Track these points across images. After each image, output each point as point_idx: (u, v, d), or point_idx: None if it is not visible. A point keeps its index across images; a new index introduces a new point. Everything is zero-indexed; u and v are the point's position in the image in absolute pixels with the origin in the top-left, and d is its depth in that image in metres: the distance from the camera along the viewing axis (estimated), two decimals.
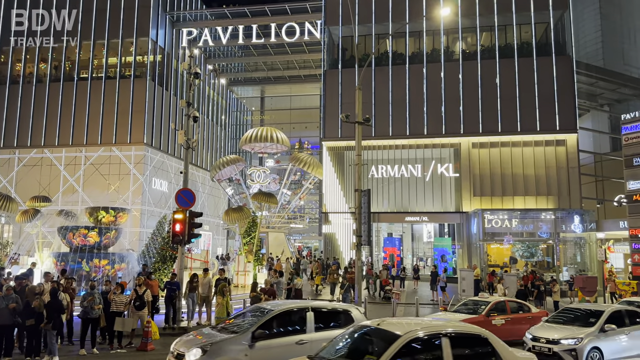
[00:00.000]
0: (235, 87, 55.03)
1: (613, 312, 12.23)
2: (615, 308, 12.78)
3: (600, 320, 11.87)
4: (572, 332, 11.72)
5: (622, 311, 12.55)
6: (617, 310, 12.48)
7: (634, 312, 12.85)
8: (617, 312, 12.33)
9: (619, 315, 12.26)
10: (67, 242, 21.63)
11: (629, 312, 12.67)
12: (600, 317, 11.98)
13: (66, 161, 35.83)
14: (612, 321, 11.81)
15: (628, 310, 12.92)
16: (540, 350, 11.56)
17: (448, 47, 34.10)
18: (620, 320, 12.03)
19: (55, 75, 37.48)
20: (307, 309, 9.58)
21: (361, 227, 19.93)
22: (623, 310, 12.70)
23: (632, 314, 12.64)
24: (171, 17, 40.02)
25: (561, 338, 11.63)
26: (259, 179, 39.62)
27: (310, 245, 56.73)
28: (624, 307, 13.55)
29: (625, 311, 12.66)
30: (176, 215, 15.62)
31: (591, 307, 13.34)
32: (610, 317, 11.98)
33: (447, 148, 33.33)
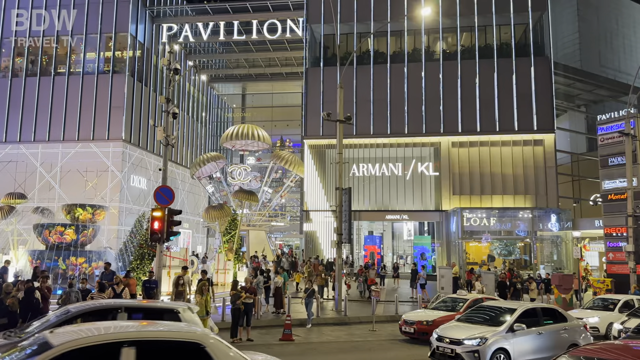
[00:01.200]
0: (216, 83, 54.59)
1: (526, 310, 11.50)
2: (529, 306, 11.98)
3: (510, 319, 11.09)
4: (480, 331, 10.91)
5: (536, 309, 11.89)
6: (531, 309, 11.75)
7: (551, 310, 12.29)
8: (530, 310, 11.62)
9: (533, 313, 11.57)
10: (43, 239, 21.26)
11: (545, 310, 12.04)
12: (511, 316, 11.22)
13: (42, 157, 35.11)
14: (526, 320, 11.05)
15: (544, 308, 12.35)
16: (443, 352, 10.92)
17: (429, 46, 34.35)
18: (534, 319, 11.33)
19: (32, 69, 36.70)
20: (120, 309, 8.27)
21: (342, 225, 20.02)
22: (538, 308, 12.06)
23: (548, 312, 12.01)
24: (151, 12, 39.51)
25: (465, 338, 10.80)
26: (240, 177, 39.41)
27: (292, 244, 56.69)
28: (540, 305, 12.99)
29: (541, 309, 12.03)
30: (155, 213, 15.41)
31: (507, 304, 12.47)
32: (522, 315, 11.21)
33: (428, 147, 33.62)
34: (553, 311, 12.21)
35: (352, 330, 16.16)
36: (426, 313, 14.79)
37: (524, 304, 12.50)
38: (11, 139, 35.66)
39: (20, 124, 35.69)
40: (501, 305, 12.44)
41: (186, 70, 44.36)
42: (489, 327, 11.06)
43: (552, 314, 12.00)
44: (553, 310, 12.33)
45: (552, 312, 12.15)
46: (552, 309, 12.48)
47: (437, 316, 14.13)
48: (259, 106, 57.06)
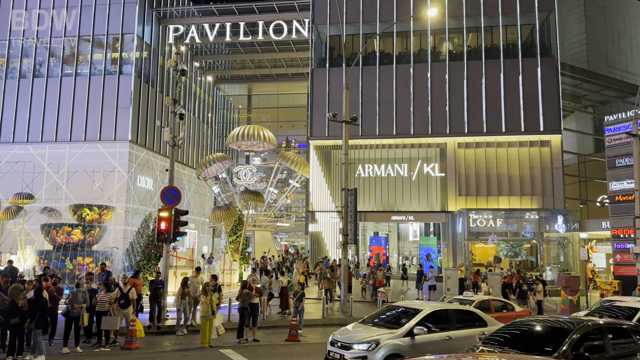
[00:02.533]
0: (222, 84, 54.78)
1: (435, 312, 10.27)
2: (438, 307, 10.80)
3: (410, 322, 9.84)
4: (377, 334, 9.67)
5: (449, 312, 10.64)
6: (442, 310, 10.59)
7: (468, 312, 11.02)
8: (441, 313, 10.44)
9: (443, 315, 10.39)
10: (51, 239, 21.39)
11: (460, 313, 10.77)
12: (414, 318, 9.96)
13: (50, 158, 35.35)
14: (434, 323, 9.97)
15: (460, 310, 11.09)
16: (332, 357, 9.76)
17: (435, 47, 34.30)
18: (444, 323, 10.19)
19: (39, 70, 36.96)
20: None
21: (348, 226, 20.02)
22: (452, 310, 10.79)
23: (464, 315, 10.74)
24: (157, 14, 39.68)
25: (356, 342, 9.54)
26: (246, 177, 39.50)
27: (297, 244, 56.74)
28: (454, 306, 11.47)
29: (456, 312, 10.75)
30: (161, 213, 15.51)
31: (417, 305, 11.01)
32: (428, 317, 10.01)
33: (433, 148, 33.56)
34: (471, 314, 10.92)
35: None
36: None
37: (433, 305, 11.11)
38: (19, 139, 35.93)
39: (28, 125, 35.95)
40: (411, 305, 10.96)
41: (192, 71, 44.52)
42: (388, 330, 9.82)
43: (470, 317, 10.74)
44: (471, 313, 11.02)
45: (469, 315, 10.85)
46: (469, 311, 11.15)
47: None
48: (265, 107, 57.22)
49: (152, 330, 14.93)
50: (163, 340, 14.05)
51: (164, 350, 12.79)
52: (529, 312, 15.99)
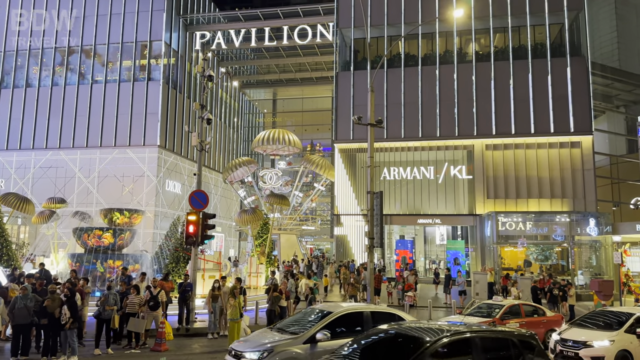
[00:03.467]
0: (248, 89, 55.32)
1: (347, 315, 9.46)
2: (350, 309, 9.76)
3: (315, 326, 9.01)
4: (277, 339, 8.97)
5: (364, 314, 9.51)
6: (356, 313, 9.57)
7: (390, 315, 9.87)
8: (354, 315, 9.47)
9: (358, 319, 9.36)
10: (82, 243, 21.88)
11: (379, 316, 9.51)
12: (320, 322, 9.11)
13: (81, 163, 36.25)
14: (346, 328, 9.14)
15: (380, 312, 9.85)
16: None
17: (461, 48, 33.93)
18: (357, 326, 9.19)
19: (71, 78, 37.96)
20: None
21: (373, 229, 19.89)
22: (367, 313, 9.58)
23: (385, 318, 9.44)
24: (184, 21, 40.35)
25: (248, 349, 8.79)
26: (271, 181, 39.76)
27: (322, 247, 56.77)
28: (372, 308, 10.28)
29: (373, 314, 9.58)
30: (190, 217, 15.72)
31: (332, 307, 10.13)
32: (338, 321, 9.20)
33: (460, 150, 33.15)
34: (393, 317, 9.77)
35: None
36: (460, 319, 14.54)
37: (347, 307, 9.96)
38: (51, 145, 36.94)
39: (60, 131, 36.94)
40: (326, 308, 10.05)
41: (219, 77, 45.08)
42: (290, 336, 9.03)
43: (391, 320, 9.46)
44: (393, 315, 9.90)
45: (391, 318, 9.66)
46: (391, 314, 10.00)
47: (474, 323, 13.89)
48: (290, 111, 57.56)
49: (181, 332, 15.14)
50: (192, 342, 14.22)
51: (193, 353, 12.94)
52: (561, 317, 15.63)
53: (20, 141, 37.46)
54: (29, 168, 36.85)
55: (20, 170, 36.95)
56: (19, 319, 11.39)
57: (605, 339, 11.37)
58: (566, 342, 11.77)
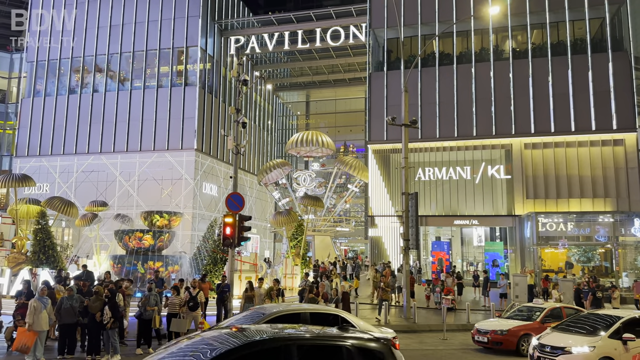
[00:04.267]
0: (281, 92, 55.82)
1: (280, 316, 8.77)
2: (287, 310, 9.13)
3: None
4: None
5: (301, 315, 8.91)
6: (292, 313, 8.86)
7: (329, 316, 9.14)
8: (291, 316, 8.75)
9: (295, 320, 8.71)
10: (124, 245, 22.52)
11: (316, 317, 8.84)
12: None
13: (121, 167, 37.35)
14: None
15: (317, 313, 9.14)
16: None
17: (497, 46, 33.25)
18: None
19: (110, 85, 39.20)
20: None
21: (409, 230, 19.74)
22: (305, 312, 9.08)
23: (322, 318, 8.89)
24: (219, 26, 41.04)
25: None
26: (305, 183, 40.00)
27: (357, 249, 56.63)
28: (308, 308, 9.62)
29: (310, 315, 8.91)
30: (226, 219, 15.95)
31: (273, 307, 9.63)
32: (271, 322, 8.61)
33: (498, 149, 32.47)
34: (335, 318, 9.17)
35: (422, 338, 15.87)
36: (500, 322, 14.25)
37: (283, 308, 9.38)
38: (93, 150, 38.21)
39: (101, 136, 38.17)
40: (262, 310, 9.48)
41: (253, 81, 45.66)
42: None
43: (332, 322, 9.01)
44: (336, 318, 9.25)
45: (334, 321, 9.06)
46: (334, 315, 9.38)
47: (512, 325, 13.60)
48: (323, 112, 57.76)
49: None
50: None
51: None
52: None
53: (64, 147, 38.90)
54: (72, 172, 38.24)
55: (64, 174, 38.38)
56: (65, 319, 11.83)
57: (585, 345, 10.32)
58: (544, 347, 10.81)
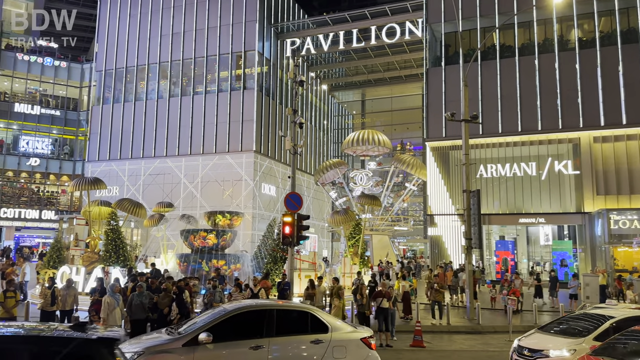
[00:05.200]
0: (336, 92, 55.94)
1: (244, 314, 8.24)
2: (246, 307, 8.41)
3: (202, 327, 7.90)
4: (151, 342, 8.05)
5: (265, 312, 8.28)
6: (253, 312, 8.27)
7: (301, 314, 8.58)
8: (250, 314, 8.21)
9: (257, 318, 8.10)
10: (189, 244, 23.38)
11: (282, 314, 8.33)
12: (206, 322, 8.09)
13: (185, 169, 38.81)
14: (239, 327, 7.98)
15: (284, 310, 8.61)
16: None
17: (562, 36, 31.70)
18: (254, 326, 8.00)
19: (174, 91, 40.81)
20: None
21: (471, 229, 19.22)
22: (270, 309, 8.38)
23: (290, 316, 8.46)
24: (276, 29, 41.72)
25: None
26: (362, 182, 39.87)
27: (415, 248, 55.81)
28: (271, 304, 8.84)
29: (275, 312, 8.31)
30: (285, 218, 16.18)
31: (233, 305, 8.97)
32: (231, 320, 8.01)
33: (565, 143, 30.95)
34: (304, 316, 8.45)
35: (486, 339, 15.40)
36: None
37: (246, 304, 8.73)
38: (159, 154, 39.94)
39: (167, 140, 39.82)
40: (228, 307, 8.80)
41: (309, 82, 46.05)
42: (173, 337, 7.89)
43: (301, 320, 8.38)
44: (304, 314, 8.50)
45: (301, 317, 8.45)
46: (301, 312, 8.66)
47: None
48: (379, 111, 57.36)
49: None
50: None
51: None
52: None
53: (132, 151, 40.91)
54: (139, 175, 40.14)
55: (132, 177, 40.36)
56: (136, 315, 12.43)
57: (564, 348, 9.21)
58: (522, 350, 9.78)
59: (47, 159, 49.71)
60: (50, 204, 48.70)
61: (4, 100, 48.91)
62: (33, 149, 49.28)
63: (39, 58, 50.23)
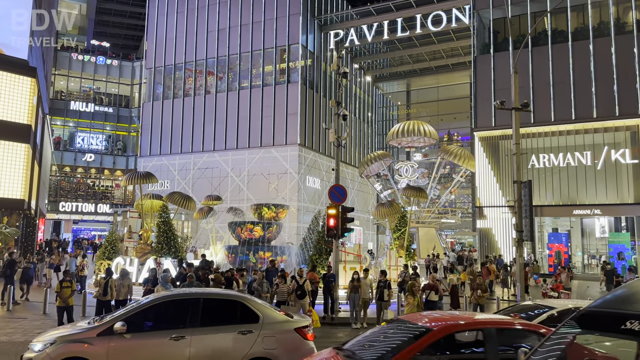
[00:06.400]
0: (381, 83, 55.35)
1: (163, 303, 8.02)
2: (170, 297, 8.25)
3: (118, 316, 7.76)
4: (59, 332, 7.84)
5: (189, 301, 8.05)
6: (175, 300, 8.10)
7: (225, 302, 8.28)
8: (173, 303, 8.03)
9: (180, 307, 7.92)
10: (236, 236, 23.87)
11: (209, 303, 7.97)
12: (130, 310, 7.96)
13: (232, 163, 39.55)
14: (162, 317, 7.87)
15: (212, 299, 8.22)
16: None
17: (619, 18, 30.04)
18: (176, 317, 7.77)
19: (220, 86, 41.57)
20: None
21: (522, 221, 18.61)
22: (195, 298, 8.13)
23: (217, 305, 8.10)
24: (319, 22, 41.66)
25: (34, 341, 7.79)
26: (407, 174, 39.37)
27: (464, 241, 54.68)
28: (201, 292, 8.73)
29: (203, 301, 7.99)
30: (330, 211, 16.24)
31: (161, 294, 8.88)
32: (153, 309, 7.89)
33: (622, 131, 29.41)
34: (233, 305, 8.05)
35: None
36: None
37: (173, 293, 8.57)
38: (207, 148, 40.87)
39: (214, 135, 40.68)
40: (157, 295, 8.70)
41: (352, 73, 45.78)
42: (88, 327, 7.72)
43: (230, 310, 7.98)
44: (233, 303, 8.11)
45: (231, 307, 8.04)
46: (230, 302, 8.23)
47: None
48: (424, 101, 56.32)
49: (327, 321, 15.72)
50: (337, 331, 14.69)
51: (339, 341, 13.33)
52: None
53: (181, 146, 42.06)
54: (189, 169, 41.24)
55: (182, 171, 41.53)
56: None
57: None
58: None
59: (102, 155, 51.97)
60: (105, 198, 50.94)
61: (60, 98, 51.41)
62: (88, 145, 51.63)
63: (92, 57, 52.47)
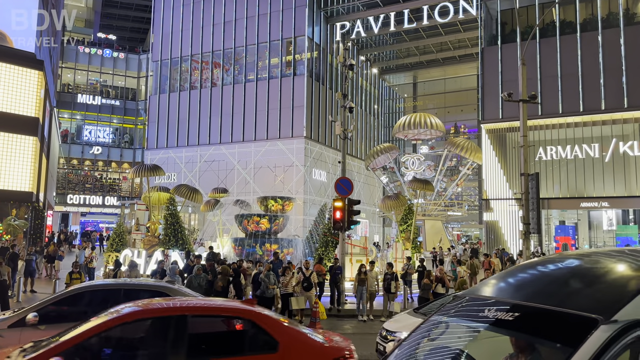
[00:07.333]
0: (387, 75, 55.08)
1: (78, 294, 7.55)
2: (93, 287, 7.91)
3: (34, 307, 7.40)
4: None
5: (111, 292, 7.65)
6: (99, 290, 7.73)
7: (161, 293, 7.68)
8: (99, 293, 7.60)
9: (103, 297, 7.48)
10: (243, 228, 23.97)
11: (134, 295, 7.24)
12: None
13: (239, 156, 39.61)
14: (80, 307, 7.41)
15: (136, 290, 7.71)
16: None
17: (628, 9, 29.71)
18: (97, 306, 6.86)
19: (226, 79, 41.55)
20: None
21: (529, 214, 18.56)
22: (115, 290, 7.78)
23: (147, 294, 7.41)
24: (325, 13, 41.46)
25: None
26: (413, 166, 39.29)
27: (470, 234, 54.62)
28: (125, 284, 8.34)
29: (125, 291, 7.59)
30: (336, 203, 16.28)
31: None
32: (66, 300, 7.46)
33: (631, 123, 29.18)
34: (158, 296, 7.46)
35: None
36: None
37: (95, 284, 8.25)
38: (214, 141, 40.94)
39: (220, 128, 40.73)
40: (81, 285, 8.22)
41: (359, 66, 45.59)
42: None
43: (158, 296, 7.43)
44: (158, 294, 7.57)
45: (153, 296, 7.28)
46: (157, 292, 7.69)
47: None
48: (431, 93, 56.06)
49: (333, 312, 15.81)
50: (343, 323, 14.78)
51: (345, 333, 13.42)
52: None
53: (188, 139, 42.16)
54: (195, 162, 41.36)
55: (188, 164, 41.66)
56: None
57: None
58: (382, 332, 9.54)
59: (109, 147, 52.18)
60: (112, 191, 51.23)
61: (67, 91, 51.61)
62: (95, 138, 51.85)
63: (98, 50, 52.56)
